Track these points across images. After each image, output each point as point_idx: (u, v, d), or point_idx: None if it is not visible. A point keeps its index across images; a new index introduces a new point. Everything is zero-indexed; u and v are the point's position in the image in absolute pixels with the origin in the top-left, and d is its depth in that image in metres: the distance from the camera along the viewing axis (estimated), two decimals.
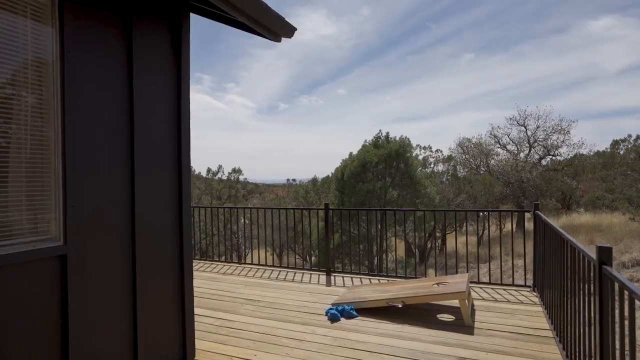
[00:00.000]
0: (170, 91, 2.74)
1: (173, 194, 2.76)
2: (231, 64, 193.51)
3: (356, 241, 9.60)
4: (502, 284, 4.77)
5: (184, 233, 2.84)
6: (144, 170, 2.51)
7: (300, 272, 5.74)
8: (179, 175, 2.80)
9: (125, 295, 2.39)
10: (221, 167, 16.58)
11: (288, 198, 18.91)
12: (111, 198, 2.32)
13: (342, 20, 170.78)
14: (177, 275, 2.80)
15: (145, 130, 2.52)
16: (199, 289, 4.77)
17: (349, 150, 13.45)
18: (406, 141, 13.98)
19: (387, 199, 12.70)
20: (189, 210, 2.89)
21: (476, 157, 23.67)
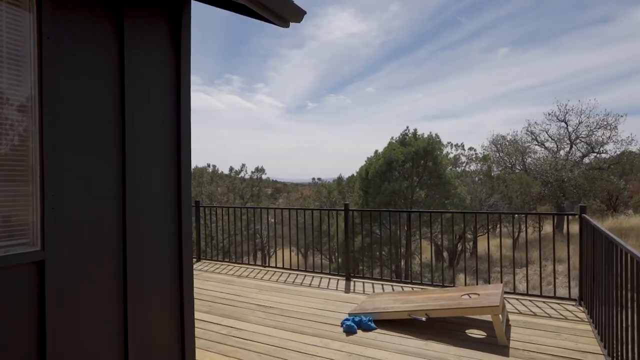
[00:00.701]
0: (169, 84, 2.51)
1: (171, 195, 2.54)
2: (260, 65, 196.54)
3: (380, 244, 9.20)
4: (542, 296, 4.26)
5: (183, 237, 2.61)
6: (137, 170, 2.29)
7: (319, 276, 5.44)
8: (178, 175, 2.57)
9: (114, 306, 2.18)
10: (244, 166, 16.60)
11: (311, 198, 18.68)
12: (98, 200, 2.11)
13: (370, 17, 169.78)
14: (175, 283, 2.57)
15: (139, 126, 2.30)
16: (212, 292, 4.59)
17: (377, 149, 13.06)
18: (435, 138, 13.32)
19: (414, 199, 12.14)
20: (189, 213, 2.66)
21: (511, 155, 22.49)
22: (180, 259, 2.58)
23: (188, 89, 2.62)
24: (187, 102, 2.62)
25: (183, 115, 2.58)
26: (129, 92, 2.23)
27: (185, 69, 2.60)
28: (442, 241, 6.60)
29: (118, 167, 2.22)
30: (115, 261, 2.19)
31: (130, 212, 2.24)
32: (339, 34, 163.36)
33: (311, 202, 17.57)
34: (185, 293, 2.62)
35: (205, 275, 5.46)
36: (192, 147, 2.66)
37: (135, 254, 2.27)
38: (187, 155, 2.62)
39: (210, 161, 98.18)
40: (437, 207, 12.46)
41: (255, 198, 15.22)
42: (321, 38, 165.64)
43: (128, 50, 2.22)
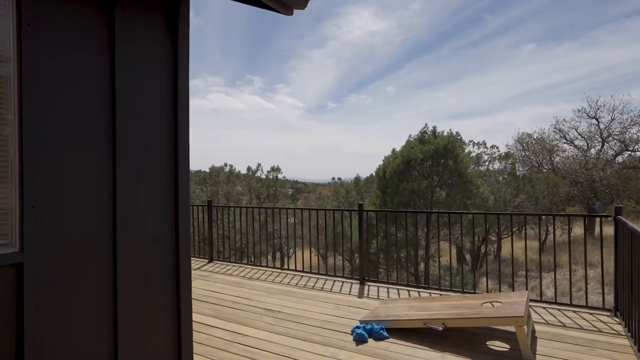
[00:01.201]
0: (164, 78, 2.37)
1: (168, 196, 2.39)
2: (281, 65, 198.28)
3: (396, 245, 8.89)
4: (572, 305, 3.91)
5: (181, 239, 2.46)
6: (129, 170, 2.16)
7: (332, 279, 5.24)
8: (174, 174, 2.43)
9: (102, 313, 2.06)
10: (260, 166, 16.56)
11: (329, 198, 18.46)
12: (85, 200, 1.98)
13: (391, 15, 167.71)
14: (171, 288, 2.43)
15: (131, 124, 2.17)
16: (220, 294, 4.47)
17: (395, 148, 12.68)
18: (455, 136, 12.83)
19: (434, 199, 11.73)
20: (187, 215, 2.51)
21: (538, 154, 21.60)
22: (177, 263, 2.44)
23: (186, 83, 2.48)
24: (185, 97, 2.48)
25: (180, 111, 2.43)
26: (120, 86, 2.10)
27: (183, 63, 2.46)
28: (461, 243, 6.25)
29: (108, 166, 2.09)
30: (104, 265, 2.06)
31: (121, 213, 2.11)
32: (359, 33, 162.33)
33: (329, 203, 17.37)
34: (183, 299, 2.47)
35: (216, 276, 5.36)
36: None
37: (126, 258, 2.14)
38: (184, 153, 2.47)
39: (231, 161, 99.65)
40: (458, 207, 11.99)
41: (272, 198, 15.14)
42: (341, 37, 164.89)
43: (119, 41, 2.09)
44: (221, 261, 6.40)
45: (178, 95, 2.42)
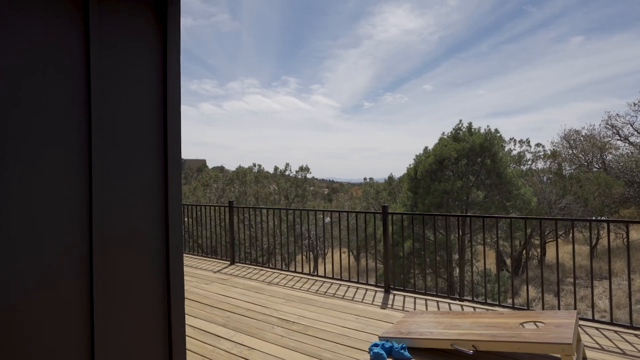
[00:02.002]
0: (150, 67, 2.17)
1: (156, 198, 2.19)
2: (316, 66, 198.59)
3: (431, 249, 8.40)
4: (634, 327, 3.34)
5: (171, 243, 2.25)
6: (109, 168, 1.97)
7: (355, 286, 4.92)
8: (164, 175, 2.23)
9: (76, 322, 1.87)
10: (288, 165, 16.38)
11: (359, 198, 18.02)
12: (53, 202, 1.81)
13: (427, 13, 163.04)
14: (161, 302, 2.22)
15: (109, 115, 1.98)
16: (234, 300, 4.28)
17: (427, 146, 12.00)
18: (494, 133, 11.97)
19: (470, 200, 11.00)
20: (179, 217, 2.30)
21: (587, 152, 19.99)
22: (168, 274, 2.23)
23: (176, 71, 2.27)
24: (176, 88, 2.27)
25: (170, 102, 2.22)
26: (96, 78, 1.91)
27: (173, 52, 2.24)
28: (497, 246, 5.66)
29: (81, 162, 1.89)
30: (81, 279, 1.87)
31: (99, 218, 1.92)
32: (394, 31, 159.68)
33: (358, 204, 16.94)
34: (174, 315, 2.25)
35: (235, 280, 5.19)
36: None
37: (105, 270, 1.95)
38: (175, 150, 2.26)
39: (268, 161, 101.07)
40: (497, 209, 11.19)
41: (300, 199, 14.96)
42: (376, 37, 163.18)
43: (95, 24, 1.90)
44: (242, 264, 6.25)
45: (167, 87, 2.21)
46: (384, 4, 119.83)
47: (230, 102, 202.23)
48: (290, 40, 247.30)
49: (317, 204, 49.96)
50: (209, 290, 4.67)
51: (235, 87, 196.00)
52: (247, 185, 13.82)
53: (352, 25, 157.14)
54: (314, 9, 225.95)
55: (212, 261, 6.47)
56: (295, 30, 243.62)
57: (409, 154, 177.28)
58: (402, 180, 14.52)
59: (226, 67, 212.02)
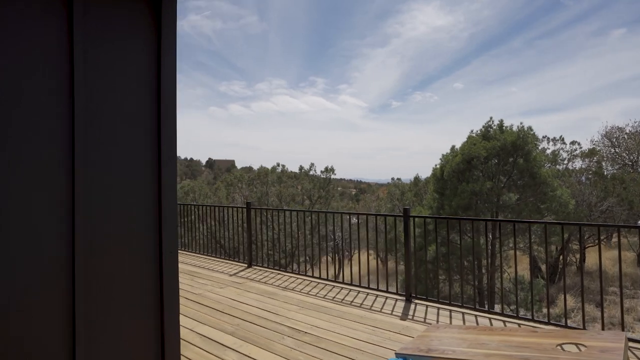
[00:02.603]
0: (143, 63, 2.02)
1: (147, 201, 2.03)
2: (344, 66, 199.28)
3: (459, 254, 7.93)
4: None
5: (165, 251, 2.10)
6: (94, 166, 1.83)
7: (375, 293, 4.65)
8: (158, 176, 2.07)
9: (57, 332, 1.73)
10: (313, 165, 16.17)
11: (384, 200, 17.57)
12: (32, 198, 1.67)
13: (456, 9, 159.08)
14: (152, 311, 2.06)
15: (96, 110, 1.84)
16: (246, 306, 4.12)
17: (455, 145, 11.42)
18: (527, 131, 11.25)
19: (501, 203, 10.38)
20: (173, 221, 2.14)
21: (631, 151, 18.62)
22: (161, 277, 2.07)
23: (172, 65, 2.11)
24: (171, 85, 2.11)
25: (164, 97, 2.06)
26: (80, 68, 1.77)
27: (169, 47, 2.08)
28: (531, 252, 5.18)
29: (62, 160, 1.75)
30: (57, 291, 1.73)
31: (83, 222, 1.78)
32: (423, 29, 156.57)
33: (383, 205, 16.53)
34: (168, 330, 2.09)
35: (249, 285, 5.04)
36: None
37: (89, 282, 1.80)
38: (170, 150, 2.09)
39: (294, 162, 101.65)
40: (530, 212, 10.50)
41: (324, 200, 14.72)
42: (405, 35, 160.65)
43: (79, 19, 1.77)
44: (260, 267, 6.11)
45: (162, 85, 2.06)
46: (412, 2, 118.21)
47: (258, 103, 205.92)
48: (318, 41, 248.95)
49: (344, 204, 49.70)
50: (222, 295, 4.55)
51: (263, 88, 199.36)
52: (268, 186, 13.77)
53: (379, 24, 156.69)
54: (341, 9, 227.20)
55: (230, 263, 6.37)
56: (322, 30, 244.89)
57: (438, 153, 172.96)
58: (429, 181, 13.97)
59: (254, 68, 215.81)
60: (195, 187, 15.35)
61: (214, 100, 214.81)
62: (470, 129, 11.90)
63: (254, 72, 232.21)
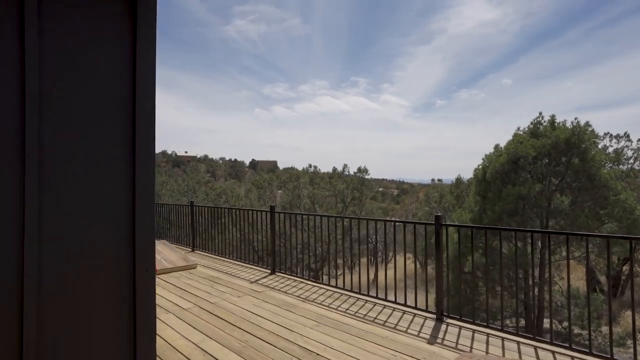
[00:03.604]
0: (116, 52, 1.79)
1: (118, 207, 1.79)
2: (387, 65, 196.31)
3: (504, 265, 7.15)
4: None
5: (138, 268, 1.84)
6: (55, 164, 1.61)
7: (401, 309, 4.22)
8: (132, 179, 1.83)
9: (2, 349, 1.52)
10: (346, 166, 15.71)
11: (421, 202, 16.72)
12: None
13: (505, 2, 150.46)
14: (123, 339, 1.81)
15: (52, 102, 1.61)
16: (259, 319, 3.84)
17: (499, 143, 10.42)
18: (583, 127, 10.03)
19: (553, 208, 9.34)
20: (149, 230, 1.87)
21: None
22: (134, 297, 1.81)
23: (150, 55, 1.85)
24: (149, 74, 1.85)
25: (140, 89, 1.81)
26: (31, 59, 1.55)
27: (146, 32, 1.83)
28: (587, 264, 4.42)
29: (9, 157, 1.54)
30: (6, 311, 1.52)
31: (32, 230, 1.55)
32: (470, 24, 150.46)
33: (420, 208, 15.73)
34: (140, 351, 1.83)
35: (268, 294, 4.79)
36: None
37: (46, 298, 1.58)
38: (146, 149, 1.83)
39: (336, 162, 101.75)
40: (587, 219, 9.37)
41: (358, 202, 14.24)
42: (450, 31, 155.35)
43: None
44: (283, 274, 5.85)
45: (137, 75, 1.81)
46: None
47: (301, 104, 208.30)
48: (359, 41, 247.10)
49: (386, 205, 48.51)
50: (237, 305, 4.32)
51: (306, 90, 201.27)
52: (300, 188, 13.55)
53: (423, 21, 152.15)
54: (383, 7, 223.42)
55: (254, 269, 6.18)
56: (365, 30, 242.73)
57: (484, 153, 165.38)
58: (471, 182, 13.00)
59: (297, 70, 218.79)
60: (227, 189, 15.48)
61: (259, 102, 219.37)
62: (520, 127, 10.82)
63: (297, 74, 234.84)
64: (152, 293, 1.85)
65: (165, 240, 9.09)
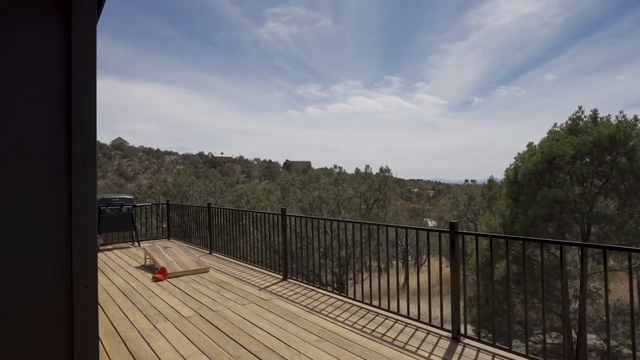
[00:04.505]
0: (47, 40, 1.59)
1: (52, 217, 1.58)
2: (420, 63, 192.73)
3: (535, 275, 6.54)
4: None
5: (76, 285, 1.63)
6: None
7: (414, 325, 3.86)
8: (68, 183, 1.61)
9: None
10: (369, 167, 15.24)
11: (449, 205, 15.92)
12: None
13: None
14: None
15: None
16: (259, 332, 3.62)
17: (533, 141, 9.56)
18: (630, 122, 8.98)
19: (595, 212, 8.47)
20: (90, 243, 1.65)
21: None
22: (71, 319, 1.60)
23: (90, 54, 1.65)
24: (89, 69, 1.65)
25: (77, 85, 1.61)
26: None
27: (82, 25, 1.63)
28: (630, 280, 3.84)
29: None
30: None
31: None
32: (509, 18, 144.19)
33: (449, 212, 14.98)
34: None
35: (274, 303, 4.56)
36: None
37: None
38: (84, 152, 1.61)
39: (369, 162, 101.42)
40: (637, 224, 8.43)
41: (381, 204, 13.76)
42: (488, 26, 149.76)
43: None
44: (294, 280, 5.62)
45: (73, 69, 1.61)
46: None
47: (334, 105, 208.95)
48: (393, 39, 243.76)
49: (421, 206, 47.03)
50: (239, 314, 4.13)
51: (339, 90, 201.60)
52: (320, 189, 13.28)
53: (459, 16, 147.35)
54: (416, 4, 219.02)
55: (266, 274, 5.99)
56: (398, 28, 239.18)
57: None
58: (503, 184, 12.13)
59: (330, 70, 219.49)
60: (248, 190, 15.47)
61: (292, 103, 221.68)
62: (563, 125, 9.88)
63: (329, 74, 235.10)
64: (94, 311, 1.64)
65: (182, 242, 9.14)
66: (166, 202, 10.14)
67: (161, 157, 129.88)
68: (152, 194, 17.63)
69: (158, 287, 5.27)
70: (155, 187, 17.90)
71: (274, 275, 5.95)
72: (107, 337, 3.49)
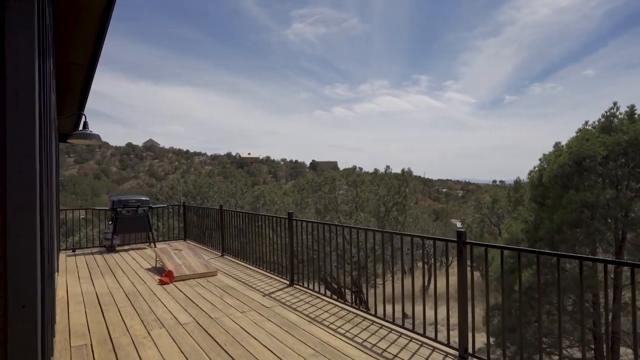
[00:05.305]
0: None
1: None
2: (450, 61, 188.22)
3: (562, 287, 6.06)
4: None
5: (12, 304, 1.50)
6: None
7: (419, 340, 3.61)
8: (2, 188, 1.49)
9: None
10: (389, 168, 14.82)
11: (472, 207, 15.26)
12: None
13: None
14: None
15: None
16: (254, 344, 3.47)
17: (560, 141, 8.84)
18: None
19: (630, 218, 7.76)
20: (30, 256, 1.53)
21: None
22: (5, 337, 1.48)
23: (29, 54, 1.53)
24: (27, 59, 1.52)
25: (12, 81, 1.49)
26: None
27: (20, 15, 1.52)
28: None
29: None
30: None
31: None
32: (545, 11, 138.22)
33: (470, 215, 14.38)
34: None
35: (275, 311, 4.41)
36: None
37: None
38: (23, 154, 1.49)
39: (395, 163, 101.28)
40: None
41: (400, 206, 13.30)
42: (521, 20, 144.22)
43: None
44: (300, 287, 5.45)
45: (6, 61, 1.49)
46: None
47: (360, 105, 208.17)
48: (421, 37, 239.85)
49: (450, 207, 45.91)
50: (237, 323, 4.00)
51: (366, 90, 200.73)
52: (336, 192, 13.04)
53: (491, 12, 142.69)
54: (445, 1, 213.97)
55: (273, 279, 5.87)
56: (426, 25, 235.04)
57: None
58: (527, 187, 11.44)
59: (356, 70, 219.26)
60: (265, 192, 15.43)
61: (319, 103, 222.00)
62: None
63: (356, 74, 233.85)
64: (33, 337, 1.51)
65: (196, 244, 9.17)
66: (182, 203, 10.23)
67: (190, 157, 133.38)
68: (173, 195, 17.98)
69: (163, 290, 5.24)
70: (176, 188, 18.24)
71: (281, 280, 5.81)
72: (99, 344, 3.45)
